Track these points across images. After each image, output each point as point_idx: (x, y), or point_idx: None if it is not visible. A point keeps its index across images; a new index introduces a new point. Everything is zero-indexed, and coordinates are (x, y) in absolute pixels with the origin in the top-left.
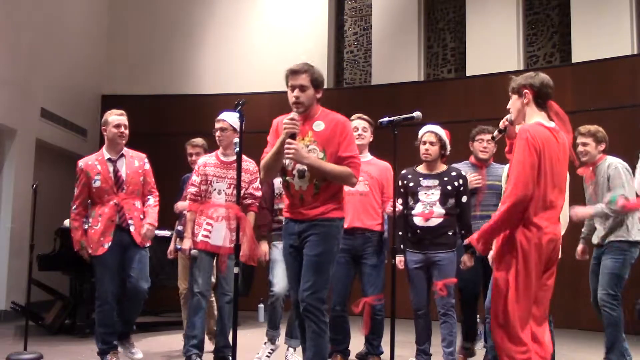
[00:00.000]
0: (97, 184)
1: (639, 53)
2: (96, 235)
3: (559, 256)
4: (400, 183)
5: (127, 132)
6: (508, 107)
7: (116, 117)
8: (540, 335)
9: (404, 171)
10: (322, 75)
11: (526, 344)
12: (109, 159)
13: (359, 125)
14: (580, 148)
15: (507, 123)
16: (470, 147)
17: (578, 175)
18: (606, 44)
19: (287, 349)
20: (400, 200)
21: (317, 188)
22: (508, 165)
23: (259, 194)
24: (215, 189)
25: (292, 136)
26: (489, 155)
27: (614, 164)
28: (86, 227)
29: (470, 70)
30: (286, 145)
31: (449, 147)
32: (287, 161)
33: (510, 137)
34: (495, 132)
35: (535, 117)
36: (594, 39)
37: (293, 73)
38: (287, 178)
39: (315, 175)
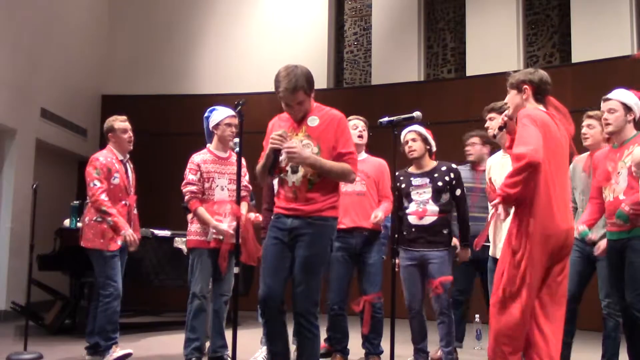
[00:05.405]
0: (116, 181)
1: None
2: (110, 231)
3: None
4: (396, 185)
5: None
6: (505, 101)
7: (122, 124)
8: (550, 331)
9: (397, 173)
10: (310, 73)
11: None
12: (121, 160)
13: (359, 124)
14: (585, 130)
15: (506, 119)
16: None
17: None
18: (606, 44)
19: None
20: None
21: (312, 184)
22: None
23: (250, 186)
24: (217, 185)
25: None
26: (475, 157)
27: None
28: (83, 223)
29: (470, 70)
30: (286, 150)
31: (433, 143)
32: (281, 157)
33: (510, 133)
34: (496, 130)
35: None
36: (594, 39)
37: (290, 92)
38: (282, 175)
39: (314, 171)
